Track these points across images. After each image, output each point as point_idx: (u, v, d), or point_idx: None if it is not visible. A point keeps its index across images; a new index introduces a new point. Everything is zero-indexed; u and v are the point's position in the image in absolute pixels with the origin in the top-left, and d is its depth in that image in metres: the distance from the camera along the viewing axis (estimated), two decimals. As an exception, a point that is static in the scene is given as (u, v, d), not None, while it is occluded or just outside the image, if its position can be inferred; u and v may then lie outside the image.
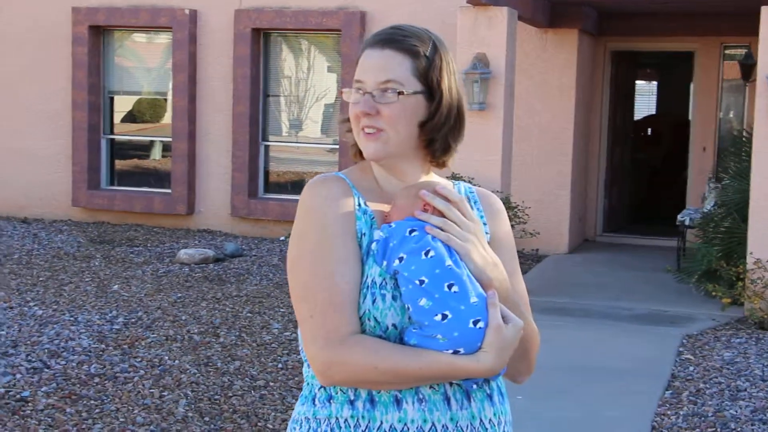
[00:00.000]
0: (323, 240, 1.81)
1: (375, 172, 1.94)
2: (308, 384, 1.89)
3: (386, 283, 1.79)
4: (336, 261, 1.80)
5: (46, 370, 5.56)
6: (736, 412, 5.42)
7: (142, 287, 7.89)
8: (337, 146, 11.01)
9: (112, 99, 12.02)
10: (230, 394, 5.31)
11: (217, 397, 5.26)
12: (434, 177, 1.99)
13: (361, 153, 1.94)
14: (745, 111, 10.99)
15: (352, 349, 1.75)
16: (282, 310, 7.20)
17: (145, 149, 12.40)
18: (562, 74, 10.31)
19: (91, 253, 9.56)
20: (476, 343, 1.74)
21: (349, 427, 1.81)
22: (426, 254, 1.78)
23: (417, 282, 1.76)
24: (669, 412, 5.43)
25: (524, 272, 9.31)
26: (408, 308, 1.77)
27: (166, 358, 5.87)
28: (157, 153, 12.30)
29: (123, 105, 12.33)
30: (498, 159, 8.20)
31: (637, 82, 14.86)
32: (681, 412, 5.42)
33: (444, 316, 1.74)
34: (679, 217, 10.06)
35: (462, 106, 1.94)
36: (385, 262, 1.80)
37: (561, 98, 10.34)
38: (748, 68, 10.55)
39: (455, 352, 1.74)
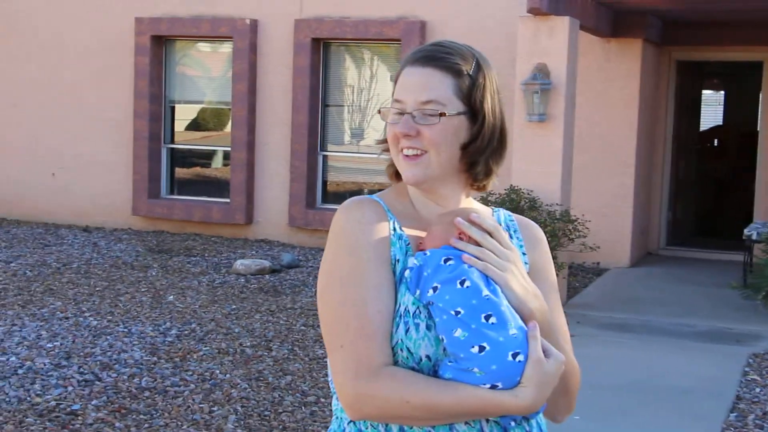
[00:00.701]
0: (355, 266, 1.72)
1: (411, 195, 1.85)
2: (337, 418, 1.81)
3: (420, 312, 1.69)
4: (368, 288, 1.70)
5: (98, 382, 5.55)
6: (805, 438, 5.20)
7: (197, 298, 7.87)
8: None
9: (173, 108, 12.10)
10: (280, 410, 5.24)
11: (267, 413, 5.19)
12: (473, 203, 1.89)
13: (397, 175, 1.85)
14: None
15: (383, 381, 1.65)
16: (336, 323, 7.11)
17: (204, 158, 12.45)
18: (625, 84, 10.09)
19: (149, 262, 9.60)
20: (515, 378, 1.63)
21: None
22: (462, 284, 1.68)
23: (453, 312, 1.65)
24: (733, 437, 5.23)
25: (585, 286, 9.12)
26: (443, 339, 1.67)
27: (218, 371, 5.82)
28: (216, 162, 12.34)
29: (184, 114, 12.39)
30: (558, 171, 8.02)
31: (704, 92, 14.53)
32: (746, 437, 5.21)
33: (481, 348, 1.63)
34: (746, 231, 9.76)
35: (505, 127, 1.84)
36: (418, 291, 1.70)
37: (624, 109, 10.13)
38: (818, 78, 10.22)
39: (493, 387, 1.63)
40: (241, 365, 5.98)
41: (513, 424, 1.71)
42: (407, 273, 1.72)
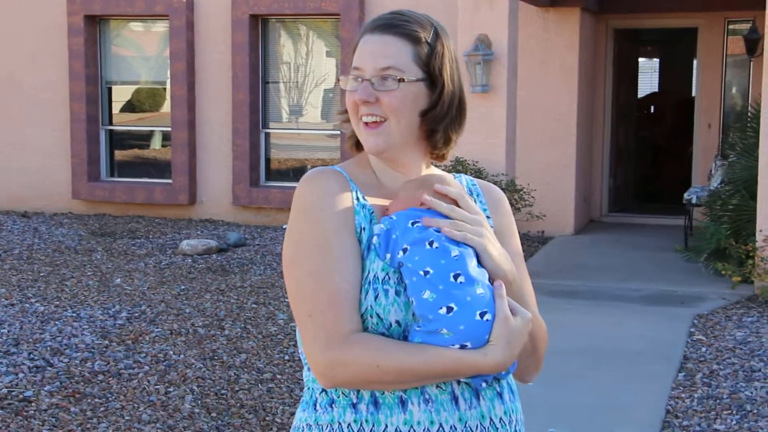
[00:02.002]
0: (320, 236, 1.72)
1: (373, 165, 1.86)
2: (309, 389, 1.81)
3: (389, 278, 1.70)
4: (334, 258, 1.70)
5: (49, 368, 5.47)
6: (752, 393, 5.33)
7: (145, 280, 7.79)
8: (339, 132, 10.88)
9: (110, 89, 11.91)
10: (237, 389, 5.22)
11: (223, 391, 5.17)
12: (434, 170, 1.90)
13: (358, 145, 1.86)
14: (750, 86, 10.87)
15: (354, 348, 1.66)
16: (287, 300, 7.09)
17: (144, 139, 12.29)
18: (564, 54, 10.18)
19: (93, 246, 9.47)
20: (484, 337, 1.65)
21: (353, 431, 1.72)
22: (430, 245, 1.69)
23: (421, 273, 1.67)
24: (683, 395, 5.34)
25: (531, 255, 9.22)
26: (412, 302, 1.68)
27: (171, 352, 5.78)
28: (156, 143, 12.19)
29: (121, 95, 12.21)
30: (502, 141, 8.08)
31: (640, 59, 14.72)
32: (695, 395, 5.33)
33: (449, 309, 1.64)
34: (685, 195, 9.95)
35: (464, 96, 1.85)
36: (388, 255, 1.71)
37: (564, 78, 10.22)
38: (752, 43, 10.42)
39: (462, 347, 1.65)
40: (194, 345, 5.94)
41: (484, 385, 1.72)
42: (375, 239, 1.73)
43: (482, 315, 1.65)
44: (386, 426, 1.70)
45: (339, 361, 1.66)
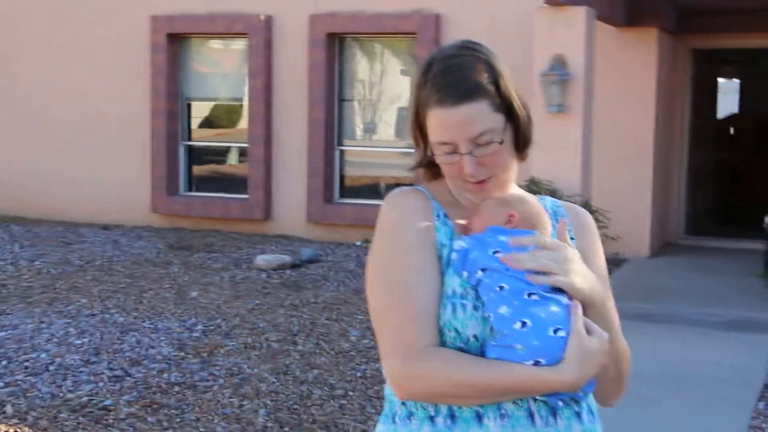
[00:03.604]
0: (400, 253, 1.77)
1: (451, 187, 1.89)
2: (389, 401, 1.85)
3: (467, 293, 1.74)
4: (414, 273, 1.75)
5: (128, 378, 5.58)
6: (834, 424, 5.20)
7: (220, 294, 7.91)
8: (412, 150, 10.91)
9: (189, 105, 12.14)
10: (309, 404, 5.26)
11: (296, 406, 5.22)
12: (515, 189, 1.91)
13: (432, 176, 1.90)
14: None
15: (429, 361, 1.70)
16: (359, 317, 7.14)
17: (221, 155, 12.49)
18: (641, 74, 10.08)
19: (170, 259, 9.64)
20: (557, 353, 1.65)
21: None
22: (507, 270, 1.72)
23: (497, 288, 1.70)
24: (764, 425, 5.23)
25: (605, 277, 9.10)
26: (489, 317, 1.71)
27: (245, 366, 5.85)
28: (233, 159, 12.38)
29: (200, 111, 12.43)
30: (578, 162, 8.03)
31: (720, 80, 14.49)
32: (775, 424, 5.22)
33: (523, 324, 1.66)
34: (766, 218, 9.74)
35: (525, 101, 1.86)
36: (465, 273, 1.74)
37: (641, 99, 10.12)
38: (837, 64, 10.19)
39: (536, 363, 1.65)
40: (268, 360, 6.01)
41: (560, 404, 1.73)
42: (454, 255, 1.76)
43: (556, 331, 1.66)
44: None
45: (414, 374, 1.70)
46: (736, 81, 15.62)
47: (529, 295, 1.68)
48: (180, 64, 11.88)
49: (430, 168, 1.89)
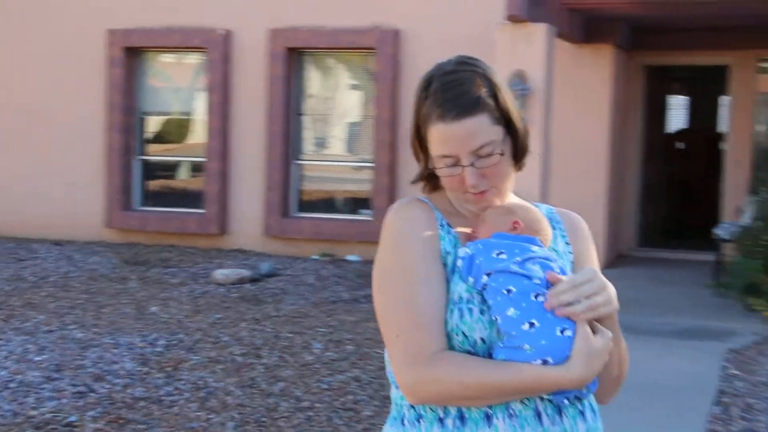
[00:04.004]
0: (406, 262, 1.82)
1: (450, 194, 1.94)
2: (396, 405, 1.89)
3: (473, 298, 1.79)
4: (420, 281, 1.80)
5: (92, 393, 5.55)
6: (789, 429, 5.34)
7: (180, 309, 7.88)
8: (372, 164, 10.99)
9: (144, 120, 12.08)
10: (277, 416, 5.28)
11: (263, 419, 5.23)
12: (514, 198, 1.97)
13: (432, 187, 1.96)
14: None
15: (439, 365, 1.75)
16: (322, 329, 7.17)
17: (177, 169, 12.44)
18: (596, 90, 10.26)
19: (127, 274, 9.58)
20: (564, 352, 1.72)
21: None
22: (513, 273, 1.78)
23: (505, 291, 1.75)
24: (720, 429, 5.35)
25: (561, 289, 9.23)
26: (496, 319, 1.76)
27: (210, 380, 5.85)
28: (189, 173, 12.34)
29: (156, 126, 12.39)
30: (537, 175, 8.15)
31: (670, 96, 14.77)
32: (733, 429, 5.34)
33: (531, 324, 1.72)
34: (716, 230, 9.96)
35: (521, 113, 1.92)
36: (471, 279, 1.80)
37: (596, 113, 10.29)
38: (783, 81, 10.47)
39: (544, 363, 1.71)
40: (232, 373, 6.01)
41: (566, 402, 1.79)
42: (459, 262, 1.82)
43: (563, 331, 1.72)
44: None
45: (425, 379, 1.75)
46: (685, 97, 15.93)
47: (536, 296, 1.75)
48: (136, 78, 11.83)
49: (430, 180, 1.95)
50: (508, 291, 1.75)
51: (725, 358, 6.86)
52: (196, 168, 11.99)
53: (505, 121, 1.86)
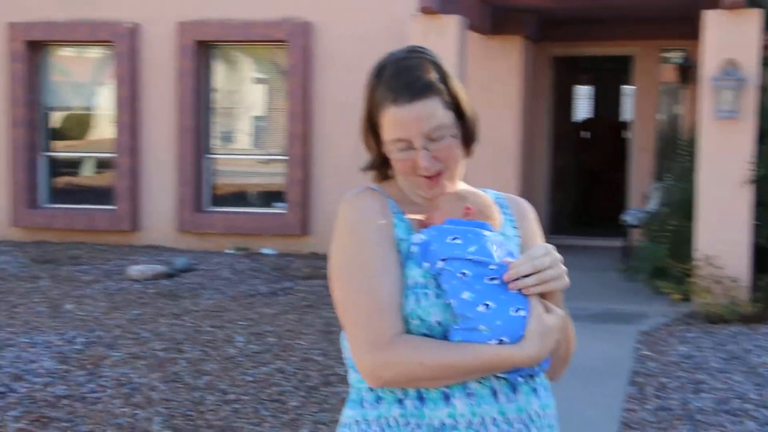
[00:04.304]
0: (363, 250, 1.87)
1: (401, 183, 1.99)
2: (355, 388, 1.93)
3: (428, 283, 1.84)
4: (377, 269, 1.85)
5: (12, 393, 5.44)
6: (701, 404, 5.55)
7: (96, 306, 7.77)
8: (285, 157, 10.98)
9: (49, 116, 11.82)
10: (203, 410, 5.26)
11: (190, 413, 5.21)
12: (462, 185, 2.02)
13: (382, 177, 2.01)
14: (683, 113, 11.26)
15: (399, 348, 1.80)
16: (242, 323, 7.15)
17: (85, 166, 12.22)
18: (506, 81, 10.44)
19: (37, 273, 9.38)
20: (519, 332, 1.78)
21: (399, 425, 1.84)
22: (469, 261, 1.83)
23: (459, 275, 1.80)
24: (636, 407, 5.53)
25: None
26: (452, 303, 1.81)
27: (133, 376, 5.79)
28: (98, 169, 12.13)
29: (62, 121, 12.13)
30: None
31: (577, 86, 15.11)
32: (648, 407, 5.53)
33: (486, 306, 1.78)
34: (623, 216, 10.25)
35: (470, 100, 1.98)
36: (426, 264, 1.84)
37: (506, 104, 10.47)
38: (685, 71, 10.81)
39: (499, 342, 1.78)
40: (155, 368, 5.96)
41: (520, 379, 1.86)
42: (414, 248, 1.87)
43: (517, 311, 1.79)
44: (431, 419, 1.82)
45: (385, 362, 1.80)
46: (592, 87, 16.32)
47: (491, 279, 1.81)
48: (39, 73, 11.57)
49: (380, 169, 2.00)
50: (463, 275, 1.80)
51: (637, 339, 7.09)
52: (105, 164, 11.80)
53: (456, 108, 1.91)
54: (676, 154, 9.69)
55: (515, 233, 2.00)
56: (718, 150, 7.99)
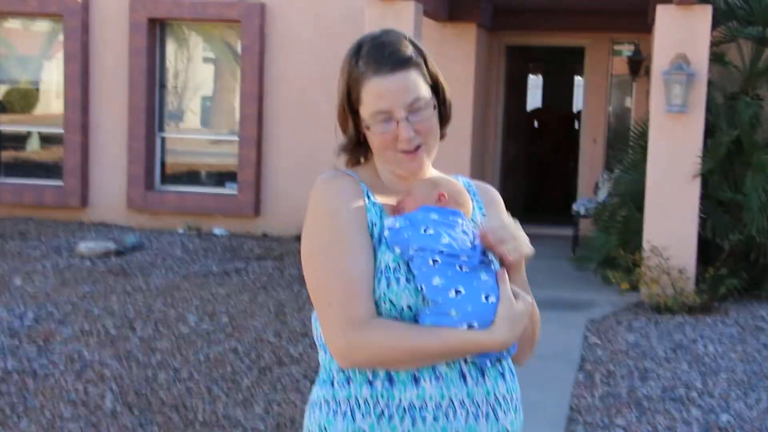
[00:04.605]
0: (336, 233, 1.88)
1: (378, 167, 2.01)
2: (325, 368, 1.95)
3: (399, 267, 1.87)
4: (350, 252, 1.87)
5: (-39, 367, 5.39)
6: (648, 391, 5.67)
7: (46, 282, 7.69)
8: (238, 138, 10.92)
9: (-3, 88, 11.63)
10: (156, 387, 5.26)
11: (143, 390, 5.20)
12: (434, 171, 2.05)
13: (355, 161, 2.02)
14: (633, 105, 11.42)
15: (371, 331, 1.82)
16: (195, 302, 7.13)
17: (34, 140, 12.03)
18: (461, 68, 10.48)
19: (-16, 247, 9.25)
20: (489, 317, 1.82)
21: (369, 406, 1.86)
22: (440, 253, 1.86)
23: (431, 262, 1.83)
24: (585, 394, 5.64)
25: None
26: (422, 288, 1.84)
27: (85, 352, 5.76)
28: (47, 145, 11.95)
29: (8, 96, 11.92)
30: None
31: (529, 76, 15.22)
32: (596, 393, 5.63)
33: (457, 292, 1.82)
34: (574, 206, 10.37)
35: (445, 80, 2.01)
36: (398, 249, 1.87)
37: (459, 92, 10.51)
38: (636, 64, 10.95)
39: (470, 327, 1.81)
40: (107, 345, 5.93)
41: (488, 363, 1.90)
42: (387, 233, 1.89)
43: (487, 297, 1.84)
44: (400, 400, 1.85)
45: (358, 344, 1.83)
46: (544, 77, 16.45)
47: (461, 267, 1.84)
48: (-11, 45, 11.37)
49: (354, 154, 2.01)
50: (434, 262, 1.84)
51: (586, 327, 7.20)
52: (54, 139, 11.62)
53: (434, 85, 1.94)
54: (627, 145, 9.83)
55: (484, 221, 2.03)
56: (668, 143, 8.12)
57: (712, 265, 8.16)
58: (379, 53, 1.90)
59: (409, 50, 1.92)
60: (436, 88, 1.96)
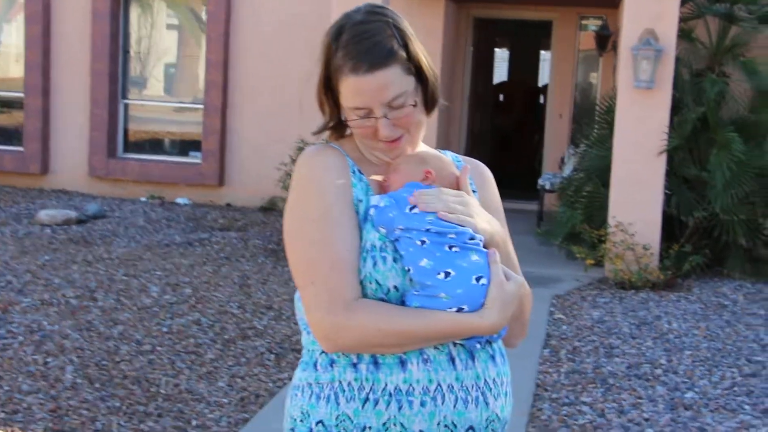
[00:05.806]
0: (322, 208, 1.80)
1: (359, 143, 1.92)
2: (309, 351, 1.87)
3: (386, 246, 1.79)
4: (336, 227, 1.79)
5: None
6: (613, 368, 5.67)
7: (5, 249, 7.55)
8: (202, 106, 10.78)
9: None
10: (117, 360, 5.17)
11: (104, 362, 5.11)
12: (422, 146, 1.98)
13: (339, 135, 1.93)
14: (600, 80, 11.40)
15: (357, 312, 1.74)
16: (158, 273, 7.04)
17: (-7, 105, 11.81)
18: (427, 40, 10.38)
19: (-60, 213, 9.08)
20: (479, 300, 1.76)
21: (353, 389, 1.79)
22: (427, 231, 1.79)
23: (418, 243, 1.76)
24: (550, 370, 5.63)
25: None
26: (409, 270, 1.77)
27: (45, 323, 5.65)
28: (6, 109, 11.72)
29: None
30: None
31: (496, 49, 15.17)
32: (562, 370, 5.62)
33: (447, 274, 1.75)
34: (539, 181, 10.36)
35: (431, 62, 1.91)
36: (383, 229, 1.80)
37: (427, 63, 10.43)
38: (603, 39, 10.92)
39: (459, 310, 1.75)
40: (68, 316, 5.83)
41: (478, 346, 1.82)
42: (372, 211, 1.82)
43: (478, 279, 1.76)
44: (386, 384, 1.78)
45: (343, 326, 1.74)
46: (510, 50, 16.40)
47: (450, 247, 1.77)
48: (-53, 6, 11.10)
49: (336, 129, 1.92)
50: (422, 242, 1.76)
51: (551, 303, 7.20)
52: (14, 103, 11.40)
53: (416, 71, 1.86)
54: (593, 121, 9.81)
55: (475, 197, 1.96)
56: (634, 119, 8.11)
57: (676, 241, 8.19)
58: (357, 48, 1.79)
59: (390, 41, 1.80)
60: (420, 72, 1.88)
